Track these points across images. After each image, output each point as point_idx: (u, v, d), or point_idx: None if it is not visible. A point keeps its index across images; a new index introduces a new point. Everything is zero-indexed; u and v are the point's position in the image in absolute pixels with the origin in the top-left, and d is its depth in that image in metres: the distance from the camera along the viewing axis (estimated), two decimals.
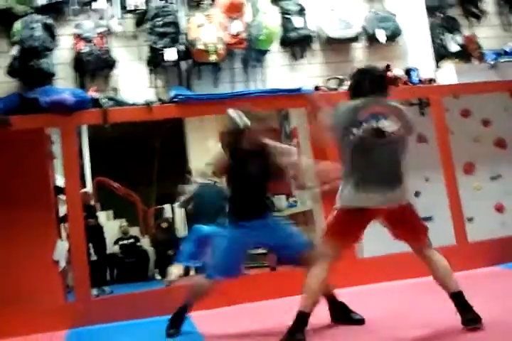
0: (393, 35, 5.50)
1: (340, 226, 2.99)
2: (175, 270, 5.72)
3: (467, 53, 5.66)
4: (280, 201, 6.95)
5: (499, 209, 5.52)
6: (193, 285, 3.52)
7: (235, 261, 3.39)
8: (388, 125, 2.88)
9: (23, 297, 4.13)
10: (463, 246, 4.91)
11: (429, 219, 5.27)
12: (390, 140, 2.88)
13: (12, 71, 4.59)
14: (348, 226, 2.98)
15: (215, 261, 3.43)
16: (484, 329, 2.77)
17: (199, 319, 3.80)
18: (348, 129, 2.88)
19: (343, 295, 3.41)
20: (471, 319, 2.81)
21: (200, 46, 4.85)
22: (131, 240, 8.21)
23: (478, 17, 5.94)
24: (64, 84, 4.73)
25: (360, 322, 3.25)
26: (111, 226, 8.19)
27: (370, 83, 3.00)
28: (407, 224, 3.03)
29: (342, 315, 3.33)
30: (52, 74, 4.68)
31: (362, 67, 3.27)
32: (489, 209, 5.47)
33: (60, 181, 4.86)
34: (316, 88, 5.06)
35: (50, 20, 4.68)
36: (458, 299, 2.87)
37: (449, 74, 5.39)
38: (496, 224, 5.37)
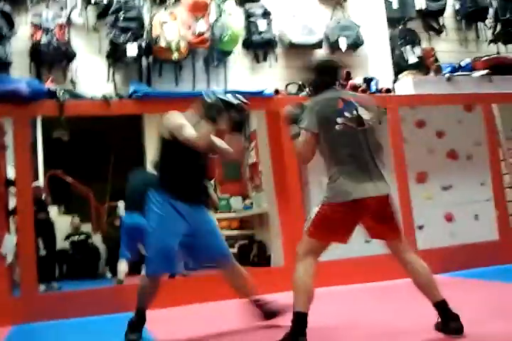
0: (354, 44, 5.57)
1: (330, 222, 2.81)
2: (122, 267, 5.64)
3: (425, 66, 5.79)
4: (236, 202, 6.95)
5: (449, 218, 5.65)
6: (138, 286, 3.28)
7: (170, 249, 3.06)
8: (364, 113, 2.86)
9: None
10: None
11: None
12: (367, 128, 2.85)
13: None
14: (339, 223, 2.82)
15: (150, 253, 3.17)
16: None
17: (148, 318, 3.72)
18: (331, 119, 2.81)
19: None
20: (455, 328, 2.72)
21: (162, 43, 4.81)
22: (82, 236, 8.07)
23: (437, 31, 6.10)
24: (20, 74, 4.59)
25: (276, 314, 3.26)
26: (62, 221, 8.00)
27: (332, 75, 2.99)
28: (390, 221, 2.91)
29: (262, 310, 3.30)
30: (8, 63, 4.54)
31: (321, 61, 3.26)
32: (439, 218, 5.58)
33: (11, 173, 4.72)
34: (276, 92, 5.09)
35: (7, 8, 4.55)
36: (441, 308, 2.78)
37: (406, 85, 5.51)
38: (445, 233, 5.49)
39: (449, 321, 2.75)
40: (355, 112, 2.83)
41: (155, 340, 3.19)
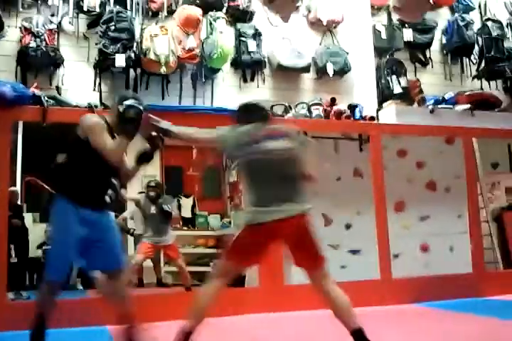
0: (342, 71, 5.64)
1: (242, 246, 2.91)
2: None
3: (409, 96, 5.87)
4: (214, 221, 6.88)
5: (424, 248, 5.66)
6: (38, 296, 3.16)
7: (68, 257, 2.98)
8: (278, 145, 2.96)
9: None
10: (387, 281, 4.97)
11: (357, 252, 5.39)
12: (282, 158, 2.94)
13: None
14: (249, 246, 2.91)
15: (50, 259, 3.08)
16: None
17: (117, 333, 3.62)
18: (242, 150, 2.96)
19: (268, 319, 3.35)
20: None
21: (151, 56, 4.81)
22: None
23: (423, 63, 6.23)
24: (5, 77, 4.52)
25: None
26: (37, 229, 7.79)
27: (255, 114, 3.13)
28: (310, 248, 2.95)
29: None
30: None
31: (246, 102, 3.37)
32: (415, 247, 5.58)
33: None
34: None
35: None
36: (358, 336, 2.81)
37: (389, 113, 5.56)
38: (419, 263, 5.49)
39: None
40: (265, 145, 2.93)
41: None
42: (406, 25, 6.11)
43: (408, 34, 6.09)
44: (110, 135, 2.96)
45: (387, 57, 5.94)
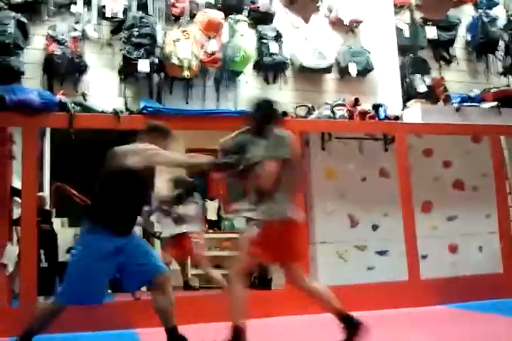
0: (365, 70, 5.60)
1: (261, 242, 3.06)
2: None
3: (434, 95, 5.79)
4: (241, 223, 6.85)
5: (453, 249, 5.59)
6: (39, 310, 3.16)
7: (99, 285, 3.05)
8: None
9: None
10: (415, 282, 4.92)
11: (384, 253, 5.35)
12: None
13: None
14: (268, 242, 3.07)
15: (71, 284, 3.04)
16: None
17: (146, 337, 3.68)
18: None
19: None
20: None
21: (174, 61, 4.83)
22: None
23: (447, 61, 6.14)
24: (32, 85, 4.61)
25: None
26: (65, 233, 7.91)
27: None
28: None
29: None
30: (21, 73, 4.57)
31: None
32: (443, 248, 5.53)
33: (16, 183, 4.70)
34: (285, 114, 5.06)
35: (24, 19, 4.58)
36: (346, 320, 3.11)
37: (414, 113, 5.49)
38: (448, 264, 5.43)
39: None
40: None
41: None
42: (429, 23, 6.03)
43: (431, 32, 6.01)
44: None
45: (411, 55, 5.87)
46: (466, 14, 6.29)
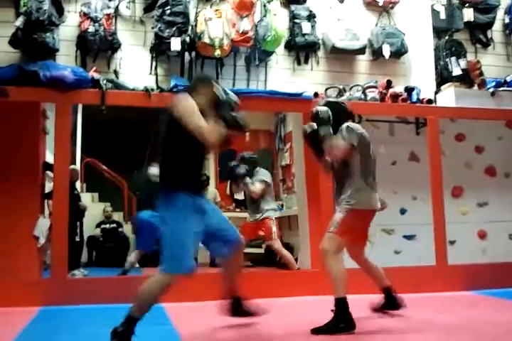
0: (398, 52, 5.51)
1: (358, 226, 3.38)
2: (132, 257, 5.70)
3: (469, 78, 5.67)
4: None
5: (482, 235, 5.52)
6: (149, 284, 2.88)
7: (191, 249, 2.87)
8: None
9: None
10: (442, 267, 4.87)
11: (412, 237, 5.31)
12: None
13: (14, 41, 4.53)
14: (362, 227, 3.43)
15: (170, 251, 2.84)
16: None
17: (173, 312, 3.74)
18: (368, 149, 3.46)
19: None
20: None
21: (205, 40, 4.83)
22: (113, 225, 8.09)
23: (484, 44, 5.99)
24: (65, 61, 4.66)
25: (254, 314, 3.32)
26: (95, 208, 8.10)
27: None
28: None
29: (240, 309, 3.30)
30: (56, 50, 4.63)
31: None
32: (472, 234, 5.47)
33: (49, 157, 4.79)
34: (316, 95, 5.03)
35: None
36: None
37: (448, 97, 5.39)
38: (476, 250, 5.37)
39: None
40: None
41: (179, 334, 3.15)
42: (466, 5, 5.87)
43: (469, 14, 5.85)
44: None
45: (447, 38, 5.73)
46: None
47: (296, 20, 5.29)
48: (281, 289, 4.44)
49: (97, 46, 4.69)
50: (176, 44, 4.77)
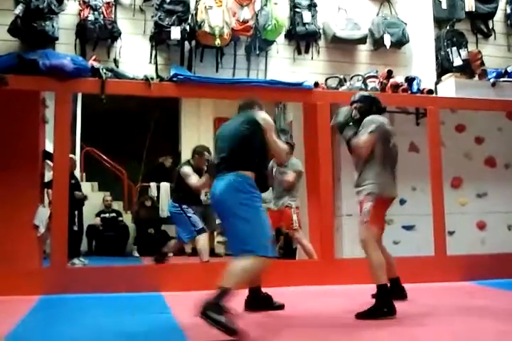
0: (399, 42, 5.48)
1: (381, 214, 3.53)
2: (172, 242, 5.67)
3: (470, 69, 5.65)
4: (268, 194, 6.88)
5: (481, 226, 5.53)
6: (245, 267, 2.90)
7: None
8: None
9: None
10: (441, 258, 4.89)
11: (411, 227, 5.32)
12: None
13: (14, 30, 4.51)
14: (383, 214, 3.58)
15: (261, 237, 2.98)
16: None
17: (172, 301, 3.77)
18: (388, 137, 3.55)
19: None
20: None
21: (205, 28, 4.79)
22: (113, 214, 8.12)
23: (485, 34, 5.96)
24: (65, 50, 4.64)
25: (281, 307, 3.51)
26: (95, 197, 8.11)
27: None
28: None
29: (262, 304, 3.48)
30: (55, 38, 4.61)
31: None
32: (471, 225, 5.48)
33: (48, 146, 4.78)
34: (316, 84, 5.01)
35: None
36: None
37: (449, 87, 5.39)
38: (475, 241, 5.39)
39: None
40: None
41: (178, 323, 3.17)
42: None
43: (470, 4, 5.81)
44: None
45: (448, 28, 5.70)
46: None
47: (297, 10, 5.26)
48: (281, 279, 4.45)
49: (97, 35, 4.67)
50: (175, 33, 4.75)
